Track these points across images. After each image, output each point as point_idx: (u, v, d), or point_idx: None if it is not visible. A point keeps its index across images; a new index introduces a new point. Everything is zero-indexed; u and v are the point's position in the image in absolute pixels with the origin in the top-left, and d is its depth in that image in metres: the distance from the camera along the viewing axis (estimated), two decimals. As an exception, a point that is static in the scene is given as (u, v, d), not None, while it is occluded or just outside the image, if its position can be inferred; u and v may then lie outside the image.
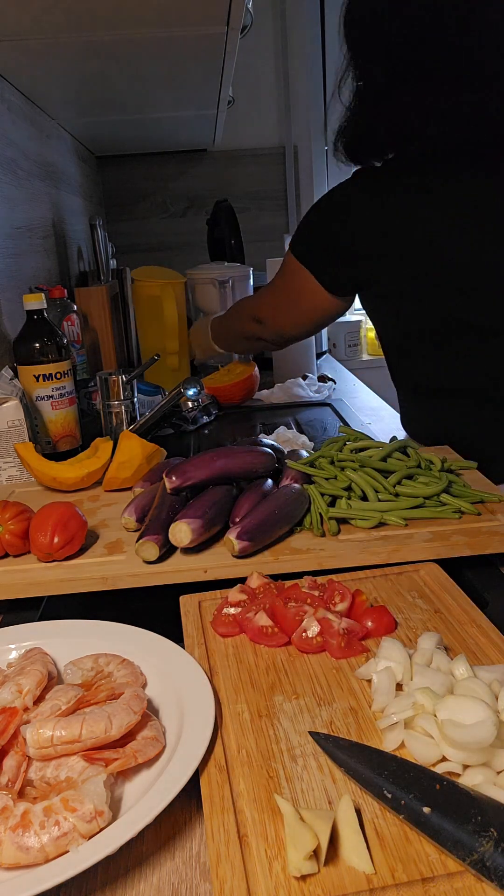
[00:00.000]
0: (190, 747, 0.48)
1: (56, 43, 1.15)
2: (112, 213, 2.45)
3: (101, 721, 0.49)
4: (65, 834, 0.42)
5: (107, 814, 0.43)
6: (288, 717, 0.53)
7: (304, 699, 0.55)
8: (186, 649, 0.62)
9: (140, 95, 1.58)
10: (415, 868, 0.40)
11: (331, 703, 0.54)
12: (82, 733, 0.49)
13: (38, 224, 1.56)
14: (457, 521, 0.79)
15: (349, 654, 0.59)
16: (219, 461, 0.83)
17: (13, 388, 1.07)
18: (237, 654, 0.61)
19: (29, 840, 0.42)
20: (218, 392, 1.51)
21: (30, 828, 0.42)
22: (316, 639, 0.60)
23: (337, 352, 2.53)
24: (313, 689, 0.56)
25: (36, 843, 0.42)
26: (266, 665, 0.59)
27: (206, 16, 1.08)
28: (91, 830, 0.43)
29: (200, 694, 0.53)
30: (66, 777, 0.47)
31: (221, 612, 0.65)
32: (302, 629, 0.61)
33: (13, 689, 0.54)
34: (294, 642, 0.61)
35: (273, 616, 0.63)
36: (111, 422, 1.23)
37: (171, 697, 0.55)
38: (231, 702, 0.55)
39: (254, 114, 2.37)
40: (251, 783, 0.47)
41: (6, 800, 0.44)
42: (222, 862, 0.41)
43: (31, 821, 0.43)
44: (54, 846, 0.42)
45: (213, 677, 0.58)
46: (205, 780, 0.47)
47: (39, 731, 0.49)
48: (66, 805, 0.43)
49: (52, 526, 0.75)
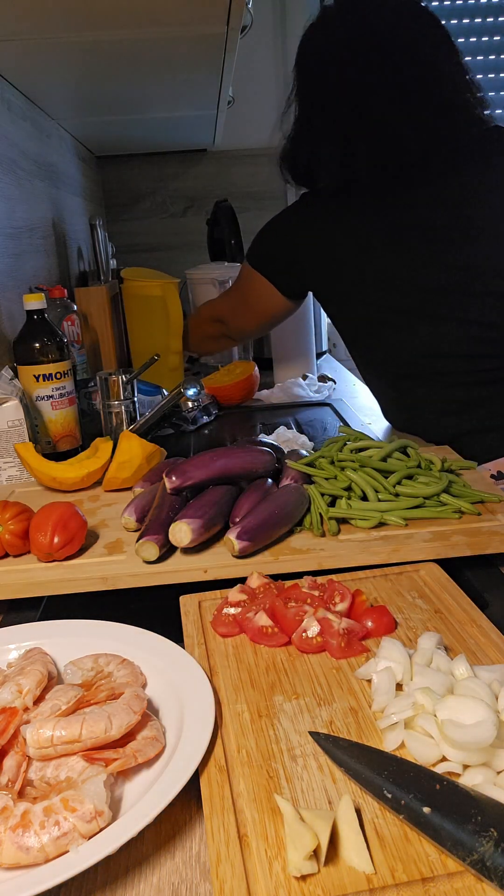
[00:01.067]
0: (190, 747, 0.48)
1: (56, 43, 1.15)
2: (112, 213, 2.45)
3: (102, 721, 0.49)
4: (65, 834, 0.42)
5: (107, 814, 0.43)
6: (288, 717, 0.53)
7: (304, 699, 0.55)
8: (186, 649, 0.62)
9: (140, 95, 1.58)
10: (415, 868, 0.40)
11: (331, 703, 0.54)
12: (82, 733, 0.49)
13: (38, 224, 1.56)
14: (457, 521, 0.79)
15: (349, 654, 0.59)
16: (219, 461, 0.83)
17: (13, 388, 1.07)
18: (237, 654, 0.61)
19: (29, 840, 0.42)
20: (218, 392, 1.50)
21: (30, 828, 0.42)
22: (316, 639, 0.60)
23: (337, 352, 2.53)
24: (313, 689, 0.56)
25: (36, 843, 0.42)
26: (266, 665, 0.59)
27: (206, 16, 1.07)
28: (91, 830, 0.42)
29: (200, 694, 0.53)
30: (66, 777, 0.47)
31: (221, 612, 0.65)
32: (302, 629, 0.61)
33: (13, 689, 0.54)
34: (294, 642, 0.61)
35: (273, 616, 0.63)
36: (111, 422, 1.23)
37: (170, 697, 0.55)
38: (231, 702, 0.55)
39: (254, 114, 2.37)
40: (251, 783, 0.47)
41: (6, 800, 0.44)
42: (222, 862, 0.41)
43: (31, 821, 0.43)
44: (54, 846, 0.42)
45: (213, 677, 0.58)
46: (205, 780, 0.47)
47: (39, 731, 0.49)
48: (66, 805, 0.43)
49: (52, 526, 0.75)
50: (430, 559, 0.74)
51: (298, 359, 1.72)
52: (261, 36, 2.28)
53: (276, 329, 1.71)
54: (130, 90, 1.52)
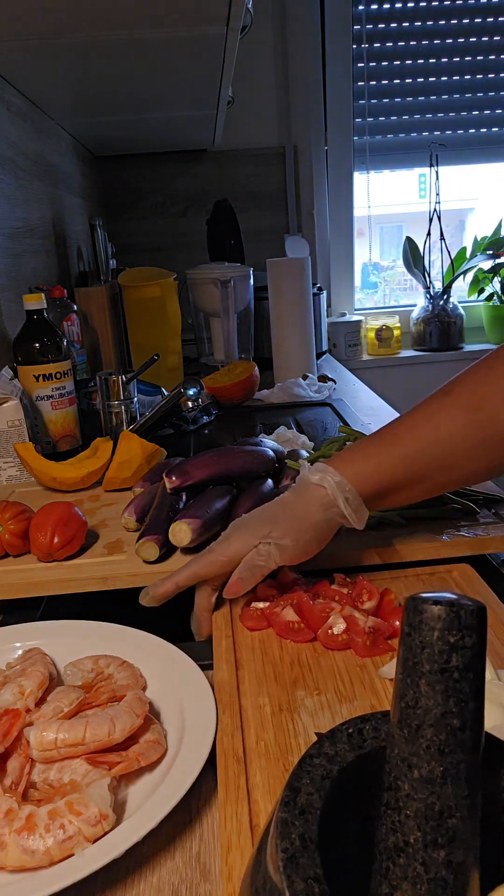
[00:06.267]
0: (192, 751, 0.48)
1: (56, 43, 1.15)
2: (112, 213, 2.45)
3: (105, 724, 0.49)
4: (70, 837, 0.42)
5: (111, 817, 0.43)
6: (308, 713, 0.53)
7: (325, 695, 0.55)
8: (214, 640, 0.62)
9: (140, 95, 1.58)
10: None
11: (352, 700, 0.54)
12: (86, 736, 0.48)
13: (38, 224, 1.56)
14: (456, 520, 0.79)
15: (374, 653, 0.59)
16: (219, 461, 0.83)
17: (13, 388, 1.07)
18: (263, 648, 0.61)
19: (34, 843, 0.42)
20: (218, 392, 1.50)
21: (35, 831, 0.42)
22: (341, 636, 0.60)
23: (337, 352, 2.53)
24: (336, 686, 0.56)
25: (41, 846, 0.42)
26: (291, 660, 0.59)
27: (206, 16, 1.07)
28: (96, 834, 0.42)
29: (201, 697, 0.53)
30: (69, 780, 0.47)
31: (250, 605, 0.65)
32: (328, 626, 0.61)
33: (15, 691, 0.54)
34: (319, 638, 0.61)
35: (300, 612, 0.63)
36: (111, 422, 1.23)
37: (171, 700, 0.55)
38: (253, 694, 0.55)
39: (254, 114, 2.37)
40: (267, 775, 0.47)
41: (10, 802, 0.44)
42: (233, 850, 0.41)
43: (36, 824, 0.42)
44: (59, 849, 0.42)
45: (239, 669, 0.58)
46: (221, 770, 0.47)
47: (43, 733, 0.49)
48: (70, 808, 0.43)
49: (52, 526, 0.75)
50: (430, 559, 0.74)
51: (298, 359, 1.72)
52: (261, 36, 2.28)
53: (276, 329, 1.71)
54: (130, 90, 1.52)
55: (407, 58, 2.41)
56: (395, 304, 2.83)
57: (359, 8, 2.33)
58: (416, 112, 2.47)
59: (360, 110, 2.45)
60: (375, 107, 2.46)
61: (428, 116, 2.48)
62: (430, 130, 2.50)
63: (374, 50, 2.39)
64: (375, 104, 2.45)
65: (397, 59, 2.41)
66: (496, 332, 2.62)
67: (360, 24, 2.35)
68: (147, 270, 1.75)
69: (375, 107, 2.46)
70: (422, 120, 2.49)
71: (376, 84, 2.43)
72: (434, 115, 2.48)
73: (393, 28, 2.37)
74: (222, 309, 1.78)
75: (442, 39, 2.39)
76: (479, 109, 2.49)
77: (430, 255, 2.55)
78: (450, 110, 2.48)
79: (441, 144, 2.47)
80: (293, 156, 2.42)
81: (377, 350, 2.60)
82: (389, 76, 2.43)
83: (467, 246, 2.61)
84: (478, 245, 2.59)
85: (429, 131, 2.50)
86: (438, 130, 2.50)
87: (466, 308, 2.62)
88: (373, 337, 2.59)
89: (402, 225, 2.92)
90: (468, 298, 2.69)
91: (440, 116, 2.49)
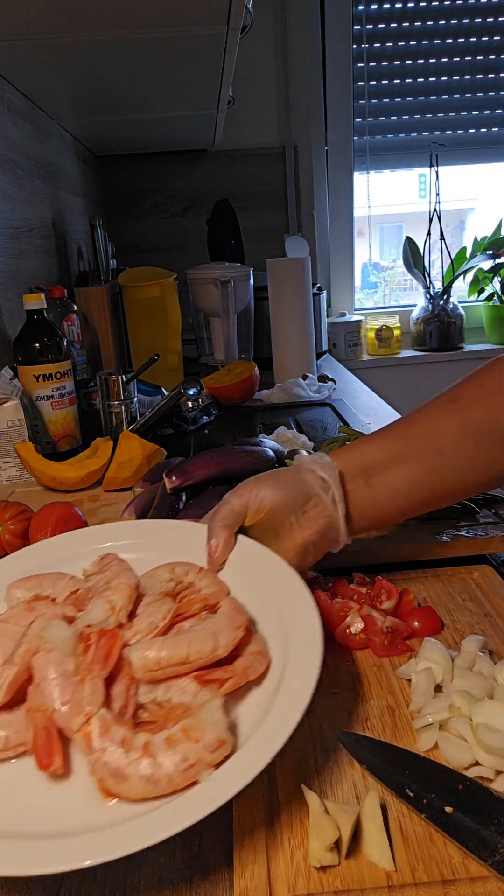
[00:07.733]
0: (301, 659, 0.46)
1: (56, 43, 1.15)
2: (112, 213, 2.45)
3: (208, 639, 0.47)
4: (192, 765, 0.40)
5: (229, 741, 0.42)
6: (325, 711, 0.52)
7: (342, 694, 0.55)
8: None
9: (140, 95, 1.58)
10: (436, 869, 0.40)
11: (369, 699, 0.54)
12: (189, 654, 0.46)
13: (38, 224, 1.55)
14: (456, 520, 0.78)
15: (392, 653, 0.59)
16: (219, 461, 0.83)
17: (13, 388, 1.06)
18: None
19: (156, 771, 0.40)
20: (218, 392, 1.50)
21: (154, 759, 0.40)
22: (359, 635, 0.60)
23: (337, 352, 2.53)
24: (353, 685, 0.56)
25: (163, 774, 0.40)
26: None
27: (206, 16, 1.07)
28: (216, 759, 0.41)
29: (293, 594, 0.50)
30: (179, 702, 0.45)
31: None
32: (345, 625, 0.61)
33: (105, 607, 0.50)
34: (337, 637, 0.61)
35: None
36: (111, 422, 1.22)
37: (262, 603, 0.51)
38: None
39: (254, 114, 2.37)
40: (282, 772, 0.47)
41: (124, 732, 0.42)
42: (246, 846, 0.41)
43: (154, 752, 0.41)
44: (182, 777, 0.40)
45: None
46: None
47: (146, 653, 0.46)
48: (187, 735, 0.41)
49: (52, 526, 0.74)
50: (430, 559, 0.74)
51: (298, 359, 1.72)
52: (261, 36, 2.28)
53: (276, 329, 1.71)
54: (130, 90, 1.52)
55: (407, 58, 2.41)
56: (395, 304, 2.83)
57: (359, 8, 2.33)
58: (416, 112, 2.47)
59: (360, 110, 2.45)
60: (375, 107, 2.46)
61: (428, 116, 2.48)
62: (429, 130, 2.50)
63: (374, 50, 2.38)
64: (375, 104, 2.45)
65: (397, 59, 2.41)
66: (496, 332, 2.62)
67: (360, 24, 2.35)
68: (147, 270, 1.75)
69: (375, 107, 2.46)
70: (422, 120, 2.49)
71: (376, 84, 2.43)
72: (434, 115, 2.48)
73: (393, 28, 2.37)
74: (222, 309, 1.78)
75: (442, 39, 2.39)
76: (479, 109, 2.49)
77: (430, 255, 2.55)
78: (450, 110, 2.48)
79: (441, 144, 2.47)
80: (293, 156, 2.42)
81: (377, 350, 2.59)
82: (389, 76, 2.42)
83: (467, 246, 2.61)
84: (478, 245, 2.59)
85: (429, 131, 2.50)
86: (438, 130, 2.50)
87: (466, 308, 2.62)
88: (373, 337, 2.59)
89: (402, 225, 2.92)
90: (468, 298, 2.69)
91: (440, 116, 2.48)
